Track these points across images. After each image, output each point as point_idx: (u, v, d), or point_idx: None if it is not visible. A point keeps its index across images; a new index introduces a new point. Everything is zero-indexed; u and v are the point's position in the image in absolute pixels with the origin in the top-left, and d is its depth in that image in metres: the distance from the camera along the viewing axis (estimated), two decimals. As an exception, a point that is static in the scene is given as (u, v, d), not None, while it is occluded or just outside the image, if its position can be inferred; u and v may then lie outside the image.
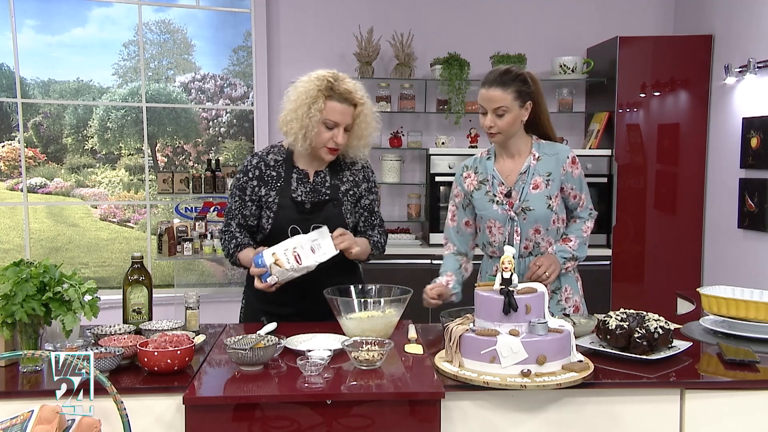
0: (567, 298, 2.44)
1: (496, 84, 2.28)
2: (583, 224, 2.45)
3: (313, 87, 2.21)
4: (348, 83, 2.25)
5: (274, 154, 2.38)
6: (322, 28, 4.88)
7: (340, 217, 2.34)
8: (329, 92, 2.21)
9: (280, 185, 2.34)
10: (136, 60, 4.96)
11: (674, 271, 4.61)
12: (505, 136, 2.33)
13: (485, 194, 2.40)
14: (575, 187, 2.40)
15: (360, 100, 2.26)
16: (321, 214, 2.31)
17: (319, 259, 2.16)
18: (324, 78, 2.23)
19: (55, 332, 1.94)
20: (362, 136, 2.30)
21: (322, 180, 2.36)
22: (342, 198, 2.36)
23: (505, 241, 2.38)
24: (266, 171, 2.35)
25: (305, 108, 2.20)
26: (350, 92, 2.23)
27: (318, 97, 2.20)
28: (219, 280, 5.47)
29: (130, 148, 5.28)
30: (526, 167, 2.36)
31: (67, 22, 4.94)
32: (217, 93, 5.22)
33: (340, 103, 2.22)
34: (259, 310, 2.37)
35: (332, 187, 2.36)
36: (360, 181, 2.41)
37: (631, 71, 4.57)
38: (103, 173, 5.32)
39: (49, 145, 5.16)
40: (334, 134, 2.23)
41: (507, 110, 2.28)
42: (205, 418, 1.66)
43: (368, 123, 2.30)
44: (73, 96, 5.09)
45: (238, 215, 2.38)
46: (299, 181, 2.35)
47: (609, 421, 1.77)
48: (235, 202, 2.38)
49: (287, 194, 2.32)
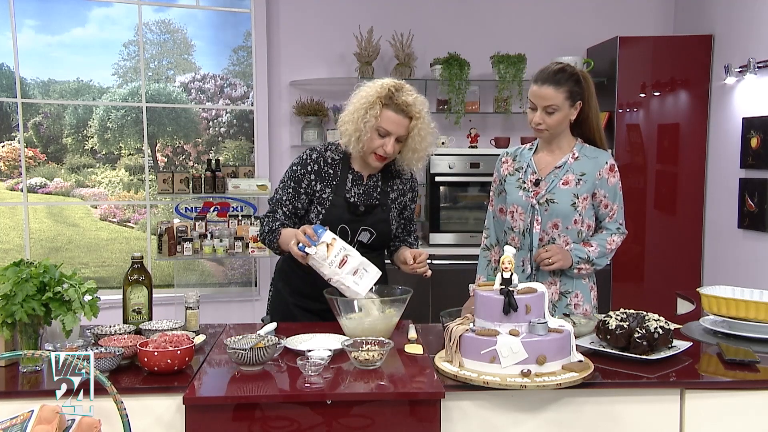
0: (577, 305, 2.41)
1: (550, 82, 2.29)
2: (609, 236, 2.41)
3: (373, 93, 2.25)
4: (409, 96, 2.26)
5: (332, 152, 2.40)
6: (322, 28, 4.88)
7: (386, 222, 2.39)
8: (387, 101, 2.23)
9: (335, 183, 2.36)
10: (136, 60, 4.96)
11: (674, 271, 4.61)
12: (551, 133, 2.35)
13: (516, 180, 2.44)
14: (608, 196, 2.38)
15: (417, 114, 2.26)
16: (370, 218, 2.35)
17: (349, 282, 2.10)
18: (387, 86, 2.25)
19: (55, 332, 1.94)
20: (416, 150, 2.31)
21: (374, 184, 2.39)
22: (390, 204, 2.41)
23: (526, 230, 2.39)
24: (324, 167, 2.37)
25: (362, 112, 2.23)
26: (408, 105, 2.24)
27: (375, 103, 2.23)
28: (219, 280, 5.47)
29: (130, 148, 5.28)
30: (563, 163, 2.38)
31: (67, 22, 4.93)
32: (217, 93, 5.22)
33: (395, 113, 2.23)
34: (292, 303, 2.40)
35: (383, 193, 2.40)
36: (407, 191, 2.47)
37: (631, 71, 4.58)
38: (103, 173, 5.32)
39: (49, 145, 5.16)
40: (385, 143, 2.25)
41: (557, 109, 2.29)
42: (205, 418, 1.66)
43: (423, 138, 2.29)
44: (73, 96, 5.09)
45: (288, 205, 2.37)
46: (354, 182, 2.37)
47: (609, 421, 1.77)
48: (287, 193, 2.37)
49: (341, 193, 2.35)
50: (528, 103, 2.37)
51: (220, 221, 4.79)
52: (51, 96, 5.02)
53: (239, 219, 4.70)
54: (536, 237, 2.37)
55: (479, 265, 2.61)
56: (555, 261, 2.31)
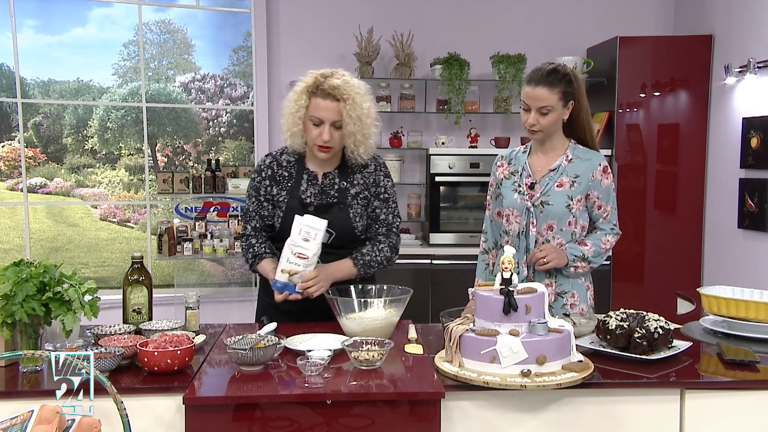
0: (573, 305, 2.41)
1: (543, 83, 2.29)
2: (603, 236, 2.41)
3: (302, 84, 2.24)
4: (336, 80, 2.20)
5: (287, 155, 2.38)
6: (322, 28, 4.88)
7: (347, 220, 2.32)
8: (315, 89, 2.21)
9: (290, 185, 2.34)
10: (136, 60, 4.95)
11: (674, 271, 4.61)
12: (545, 134, 2.36)
13: (512, 183, 2.45)
14: (601, 197, 2.39)
15: (345, 96, 2.19)
16: (327, 217, 2.27)
17: (318, 242, 2.13)
18: (314, 75, 2.23)
19: (55, 332, 1.94)
20: (353, 133, 2.23)
21: (330, 182, 2.34)
22: (351, 201, 2.33)
23: (521, 232, 2.40)
24: (278, 171, 2.36)
25: (293, 105, 2.23)
26: (335, 88, 2.19)
27: (303, 93, 2.22)
28: (219, 280, 5.47)
29: (130, 148, 5.28)
30: (557, 165, 2.39)
31: (67, 22, 4.93)
32: (217, 93, 5.22)
33: (323, 99, 2.20)
34: (269, 304, 2.38)
35: (341, 190, 2.34)
36: (370, 184, 2.37)
37: (631, 71, 4.57)
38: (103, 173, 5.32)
39: (49, 145, 5.15)
40: (321, 131, 2.21)
41: (551, 110, 2.30)
42: (205, 418, 1.66)
43: (357, 119, 2.21)
44: (73, 96, 5.09)
45: (255, 217, 2.37)
46: (309, 182, 2.34)
47: (609, 421, 1.77)
48: (252, 204, 2.37)
49: (296, 195, 2.32)
50: (521, 104, 2.36)
51: (220, 221, 4.78)
52: (51, 96, 5.02)
53: (239, 219, 4.70)
54: (532, 239, 2.39)
55: (478, 268, 2.62)
56: (550, 260, 2.32)
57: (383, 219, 2.38)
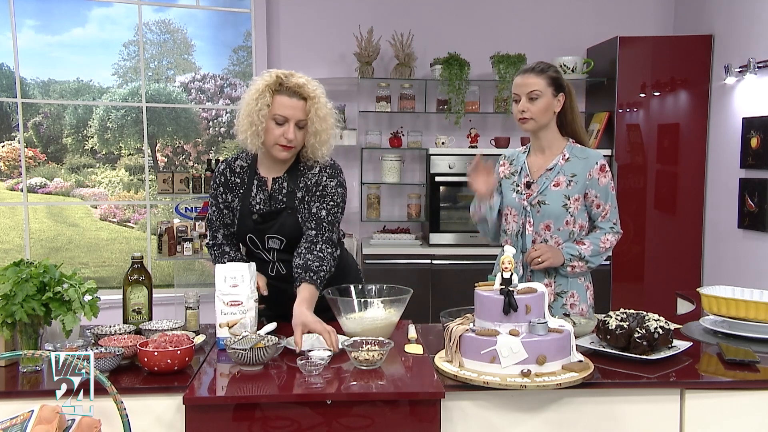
0: (572, 305, 2.42)
1: (530, 71, 2.36)
2: (602, 235, 2.41)
3: (261, 83, 2.16)
4: (299, 78, 2.17)
5: (241, 160, 2.32)
6: (322, 28, 4.87)
7: (296, 225, 2.24)
8: (278, 87, 2.15)
9: (242, 192, 2.28)
10: (136, 60, 4.96)
11: (674, 271, 4.61)
12: (537, 122, 2.37)
13: (511, 183, 2.47)
14: (599, 196, 2.39)
15: (311, 94, 2.16)
16: (275, 224, 2.24)
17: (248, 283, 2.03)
18: (274, 74, 2.17)
19: (55, 332, 1.94)
20: (318, 132, 2.18)
21: (279, 187, 2.26)
22: (298, 206, 2.25)
23: (519, 232, 2.41)
24: (231, 177, 2.30)
25: (253, 104, 2.14)
26: (300, 86, 2.15)
27: (265, 91, 2.14)
28: (219, 280, 5.46)
29: (130, 148, 5.28)
30: (554, 165, 2.40)
31: (67, 22, 4.94)
32: (217, 93, 5.22)
33: (288, 97, 2.15)
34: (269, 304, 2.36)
35: (289, 194, 2.25)
36: (311, 185, 2.26)
37: (631, 71, 4.57)
38: (103, 173, 5.32)
39: (49, 145, 5.16)
40: (285, 130, 2.15)
41: (540, 94, 2.33)
42: (205, 418, 1.66)
43: (322, 118, 2.18)
44: (73, 96, 5.09)
45: (219, 224, 2.34)
46: (259, 188, 2.28)
47: (609, 421, 1.77)
48: (213, 213, 2.34)
49: (247, 202, 2.27)
50: (513, 97, 2.40)
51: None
52: (51, 96, 5.02)
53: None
54: (529, 239, 2.40)
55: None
56: (545, 259, 2.32)
57: (327, 225, 2.23)
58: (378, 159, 4.80)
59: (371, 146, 4.74)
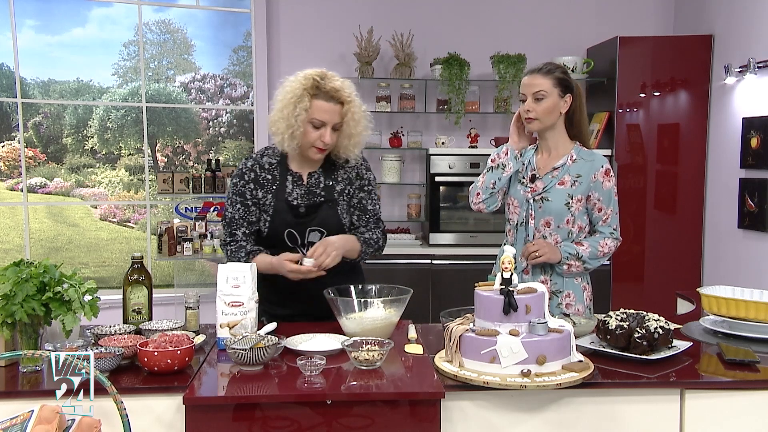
0: (568, 305, 2.43)
1: (537, 71, 2.38)
2: (602, 239, 2.42)
3: (298, 86, 2.19)
4: (335, 81, 2.21)
5: (268, 157, 2.35)
6: (322, 28, 4.87)
7: (336, 218, 2.32)
8: (315, 91, 2.19)
9: (275, 188, 2.31)
10: (136, 60, 4.96)
11: (674, 271, 4.61)
12: (542, 122, 2.38)
13: (517, 173, 2.49)
14: (602, 199, 2.40)
15: (347, 98, 2.21)
16: (316, 217, 2.29)
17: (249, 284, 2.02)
18: (310, 77, 2.20)
19: (55, 332, 1.94)
20: (352, 135, 2.25)
21: (316, 181, 2.33)
22: (338, 198, 2.33)
23: (521, 223, 2.45)
24: (261, 174, 2.32)
25: (291, 107, 2.18)
26: (337, 90, 2.19)
27: (303, 95, 2.17)
28: (219, 280, 5.46)
29: (130, 148, 5.28)
30: (561, 164, 2.42)
31: (67, 22, 4.94)
32: (217, 93, 5.22)
33: (326, 102, 2.19)
34: (261, 310, 2.36)
35: (327, 188, 2.33)
36: (353, 178, 2.37)
37: (631, 71, 4.57)
38: (103, 173, 5.32)
39: (49, 145, 5.16)
40: (322, 134, 2.20)
41: (546, 95, 2.34)
42: (205, 418, 1.66)
43: (357, 121, 2.24)
44: (73, 96, 5.09)
45: (243, 223, 2.32)
46: (294, 183, 2.32)
47: (609, 421, 1.77)
48: (237, 210, 2.32)
49: (282, 197, 2.30)
50: (520, 97, 2.42)
51: (220, 221, 4.77)
52: (51, 96, 5.02)
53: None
54: (531, 230, 2.43)
55: None
56: (542, 254, 2.34)
57: (371, 209, 2.39)
58: (378, 159, 4.80)
59: (371, 146, 4.74)
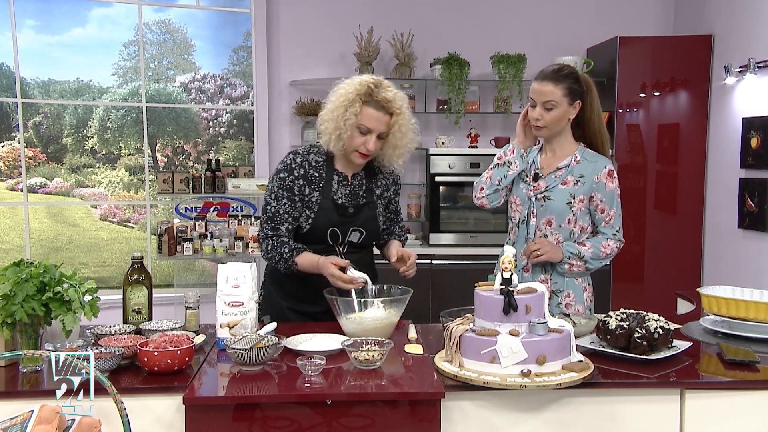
0: (568, 304, 2.42)
1: (549, 78, 2.34)
2: (604, 240, 2.41)
3: (352, 90, 2.21)
4: (388, 92, 2.24)
5: (315, 155, 2.36)
6: (322, 28, 4.88)
7: (375, 220, 2.38)
8: (367, 98, 2.21)
9: (322, 186, 2.33)
10: (136, 60, 4.96)
11: (674, 271, 4.61)
12: (549, 130, 2.39)
13: (521, 171, 2.49)
14: (605, 200, 2.40)
15: (397, 110, 2.24)
16: (359, 217, 2.34)
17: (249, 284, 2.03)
18: (365, 83, 2.23)
19: (55, 332, 1.94)
20: (397, 146, 2.29)
21: (359, 183, 2.38)
22: (376, 201, 2.40)
23: (522, 221, 2.45)
24: (309, 170, 2.33)
25: (342, 110, 2.21)
26: (388, 101, 2.22)
27: (355, 101, 2.20)
28: (219, 280, 5.46)
29: (130, 148, 5.28)
30: (565, 164, 2.41)
31: (67, 22, 4.94)
32: (217, 93, 5.22)
33: (376, 111, 2.21)
34: (286, 307, 2.38)
35: (368, 191, 2.38)
36: (390, 184, 2.46)
37: (631, 71, 4.57)
38: (103, 173, 5.32)
39: (49, 145, 5.16)
40: (366, 140, 2.23)
41: (555, 105, 2.33)
42: (205, 418, 1.66)
43: (404, 134, 2.28)
44: (73, 96, 5.09)
45: (288, 218, 2.30)
46: (339, 183, 2.35)
47: (609, 421, 1.77)
48: (283, 205, 2.29)
49: (329, 196, 2.32)
50: (529, 101, 2.41)
51: (220, 221, 4.78)
52: (51, 96, 5.02)
53: (239, 219, 4.71)
54: (532, 229, 2.42)
55: None
56: (543, 252, 2.34)
57: (400, 210, 2.56)
58: (378, 159, 4.80)
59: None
